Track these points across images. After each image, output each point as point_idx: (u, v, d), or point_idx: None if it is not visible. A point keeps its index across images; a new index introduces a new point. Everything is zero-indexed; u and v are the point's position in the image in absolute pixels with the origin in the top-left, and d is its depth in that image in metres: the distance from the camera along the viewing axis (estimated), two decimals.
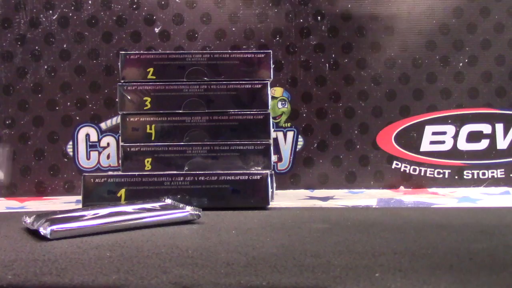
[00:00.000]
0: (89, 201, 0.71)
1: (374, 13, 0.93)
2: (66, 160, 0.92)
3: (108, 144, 0.92)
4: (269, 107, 0.77)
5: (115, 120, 0.92)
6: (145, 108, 0.76)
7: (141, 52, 0.88)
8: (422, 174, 0.93)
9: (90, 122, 0.92)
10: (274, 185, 0.83)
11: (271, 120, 0.77)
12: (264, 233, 0.53)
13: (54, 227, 0.53)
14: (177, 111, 0.76)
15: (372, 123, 0.93)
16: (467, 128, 0.93)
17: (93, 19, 0.92)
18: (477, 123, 0.93)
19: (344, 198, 0.83)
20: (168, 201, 0.67)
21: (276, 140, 0.93)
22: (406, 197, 0.84)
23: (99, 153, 0.92)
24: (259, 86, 0.77)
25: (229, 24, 0.93)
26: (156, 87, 0.76)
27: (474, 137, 0.93)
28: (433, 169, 0.93)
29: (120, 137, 0.77)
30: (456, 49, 0.93)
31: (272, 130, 0.81)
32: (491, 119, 0.93)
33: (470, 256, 0.41)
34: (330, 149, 0.93)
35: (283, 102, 0.93)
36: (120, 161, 0.77)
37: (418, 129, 0.93)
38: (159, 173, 0.73)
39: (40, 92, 0.91)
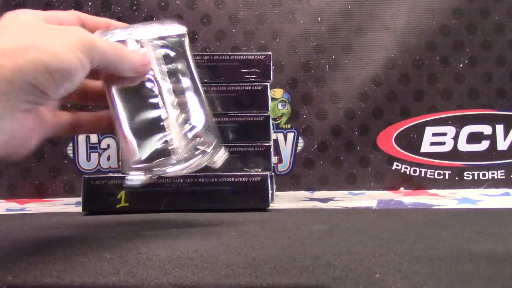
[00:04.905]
0: (90, 203, 0.71)
1: (374, 13, 0.93)
2: (66, 161, 0.92)
3: (108, 145, 0.92)
4: (269, 109, 0.77)
5: None
6: None
7: None
8: (423, 175, 0.93)
9: None
10: (274, 186, 0.83)
11: (271, 121, 0.77)
12: (264, 234, 0.53)
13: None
14: None
15: (372, 124, 0.93)
16: (467, 129, 0.93)
17: None
18: (477, 124, 0.93)
19: (344, 199, 0.83)
20: None
21: (276, 141, 0.93)
22: (406, 198, 0.83)
23: (100, 155, 0.92)
24: (259, 87, 0.77)
25: (229, 25, 0.93)
26: None
27: (474, 138, 0.93)
28: (433, 170, 0.93)
29: None
30: (456, 50, 0.93)
31: (272, 131, 0.81)
32: (491, 120, 0.93)
33: (470, 257, 0.41)
34: (330, 150, 0.93)
35: (283, 104, 0.93)
36: (120, 163, 0.77)
37: (419, 130, 0.93)
38: None
39: None
